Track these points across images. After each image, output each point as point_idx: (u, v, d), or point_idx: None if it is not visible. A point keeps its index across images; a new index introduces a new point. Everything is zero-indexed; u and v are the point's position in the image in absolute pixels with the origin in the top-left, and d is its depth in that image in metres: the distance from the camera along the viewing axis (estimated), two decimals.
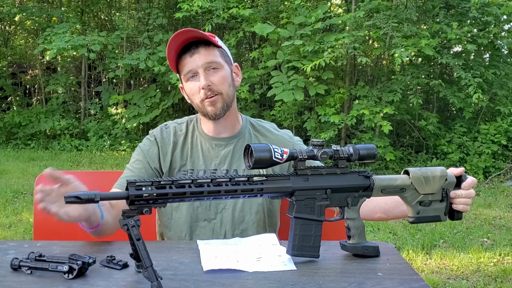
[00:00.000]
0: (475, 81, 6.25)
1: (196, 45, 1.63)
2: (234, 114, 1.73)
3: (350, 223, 1.38)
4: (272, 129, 1.79)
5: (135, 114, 8.09)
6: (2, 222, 4.71)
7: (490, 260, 3.95)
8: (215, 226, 1.67)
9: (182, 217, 1.68)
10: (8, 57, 9.58)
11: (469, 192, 1.47)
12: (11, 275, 1.21)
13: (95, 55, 7.85)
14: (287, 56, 6.69)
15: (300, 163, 1.32)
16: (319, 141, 1.32)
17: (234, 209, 1.68)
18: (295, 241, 1.32)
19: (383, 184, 1.39)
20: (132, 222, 1.14)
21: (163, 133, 1.72)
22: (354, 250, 1.39)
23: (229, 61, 1.70)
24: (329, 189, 1.34)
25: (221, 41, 1.72)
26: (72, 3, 9.81)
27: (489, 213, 5.20)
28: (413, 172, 1.43)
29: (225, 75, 1.65)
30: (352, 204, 1.38)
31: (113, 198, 1.20)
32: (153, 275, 1.11)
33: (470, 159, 6.78)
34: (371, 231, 4.59)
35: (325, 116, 6.61)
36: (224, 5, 6.96)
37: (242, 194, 1.25)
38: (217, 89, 1.63)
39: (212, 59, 1.63)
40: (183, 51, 1.64)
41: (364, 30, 6.51)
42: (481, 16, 6.80)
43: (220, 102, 1.64)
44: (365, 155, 1.35)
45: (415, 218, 1.45)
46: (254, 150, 1.25)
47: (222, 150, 1.70)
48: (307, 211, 1.33)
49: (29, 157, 7.60)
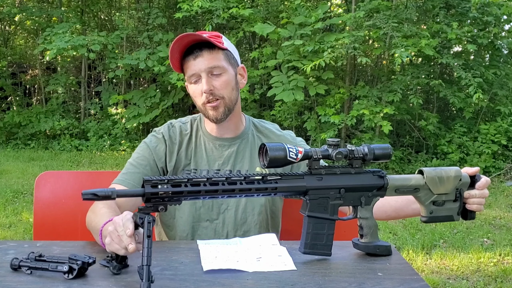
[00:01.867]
0: (476, 81, 6.25)
1: (200, 47, 1.61)
2: (238, 116, 1.72)
3: (363, 222, 1.38)
4: (275, 129, 1.79)
5: (135, 114, 8.08)
6: (2, 222, 4.71)
7: (490, 260, 3.94)
8: (217, 226, 1.67)
9: (184, 216, 1.68)
10: (8, 57, 9.56)
11: (483, 192, 1.47)
12: (11, 275, 1.21)
13: (95, 55, 7.84)
14: (287, 56, 6.69)
15: (314, 162, 1.32)
16: (334, 140, 1.33)
17: (236, 210, 1.67)
18: (307, 239, 1.33)
19: (397, 184, 1.39)
20: (150, 218, 1.16)
21: (170, 131, 1.72)
22: (366, 249, 1.39)
23: (234, 63, 1.68)
24: (343, 188, 1.34)
25: (228, 41, 1.70)
26: (72, 3, 9.80)
27: (489, 213, 5.20)
28: (427, 172, 1.42)
29: (228, 79, 1.64)
30: (365, 203, 1.38)
31: (130, 195, 1.22)
32: (147, 275, 1.11)
33: (470, 159, 6.78)
34: None
35: (325, 116, 6.61)
36: (224, 5, 6.96)
37: (256, 193, 1.26)
38: (219, 94, 1.62)
39: (215, 64, 1.61)
40: (188, 52, 1.62)
41: (364, 30, 6.50)
42: (481, 16, 6.79)
43: (222, 107, 1.63)
44: (380, 155, 1.35)
45: (428, 217, 1.45)
46: (269, 149, 1.26)
47: (225, 150, 1.70)
48: (320, 210, 1.33)
49: (29, 157, 7.59)
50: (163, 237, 1.78)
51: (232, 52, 1.69)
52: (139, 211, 1.18)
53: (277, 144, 1.28)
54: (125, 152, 7.92)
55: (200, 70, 1.61)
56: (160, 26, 8.47)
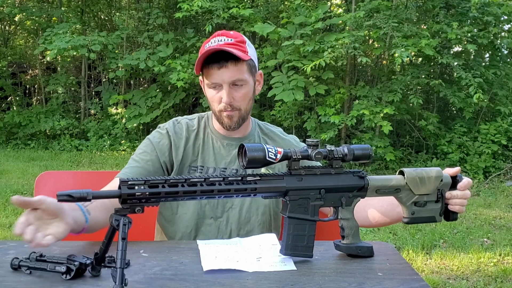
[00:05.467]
0: (476, 81, 6.25)
1: (226, 58, 1.59)
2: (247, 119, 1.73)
3: (344, 223, 1.38)
4: (280, 133, 1.80)
5: (136, 114, 8.09)
6: (2, 222, 4.71)
7: (490, 260, 3.94)
8: (221, 224, 1.68)
9: (188, 213, 1.68)
10: (8, 57, 9.57)
11: (465, 193, 1.46)
12: (11, 275, 1.21)
13: (95, 55, 7.84)
14: (287, 56, 6.69)
15: (294, 163, 1.32)
16: (314, 141, 1.33)
17: (241, 209, 1.68)
18: (288, 241, 1.32)
19: (377, 184, 1.39)
20: (126, 221, 1.13)
21: (175, 127, 1.72)
22: (348, 250, 1.38)
23: (254, 71, 1.68)
24: (323, 189, 1.34)
25: (251, 46, 1.68)
26: (72, 3, 9.81)
27: (489, 213, 5.20)
28: (408, 172, 1.42)
29: (248, 91, 1.65)
30: (346, 204, 1.37)
31: (105, 197, 1.19)
32: (121, 278, 1.08)
33: (470, 159, 6.78)
34: (371, 231, 4.59)
35: (325, 116, 6.61)
36: (224, 5, 6.96)
37: (236, 194, 1.25)
38: (237, 106, 1.63)
39: (239, 77, 1.61)
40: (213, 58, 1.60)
41: (364, 30, 6.50)
42: (481, 16, 6.80)
43: (236, 117, 1.65)
44: (360, 155, 1.35)
45: (410, 218, 1.44)
46: (248, 149, 1.26)
47: (233, 150, 1.71)
48: (300, 211, 1.33)
49: (29, 157, 7.60)
50: (161, 232, 1.77)
51: (254, 60, 1.68)
52: (115, 213, 1.15)
53: (256, 144, 1.29)
54: (125, 152, 7.92)
55: (224, 82, 1.61)
56: (160, 26, 8.48)
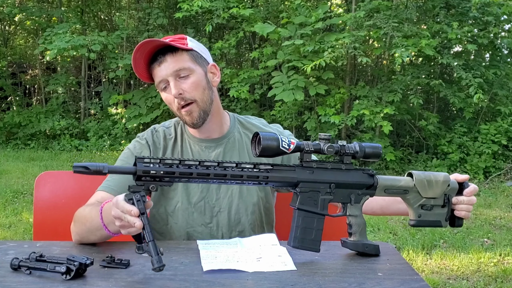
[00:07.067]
0: (476, 81, 6.25)
1: (163, 53, 1.57)
2: (218, 116, 1.68)
3: (352, 220, 1.39)
4: (261, 125, 1.76)
5: (136, 114, 8.09)
6: (2, 222, 4.71)
7: (490, 260, 3.94)
8: (211, 230, 1.65)
9: (178, 222, 1.65)
10: (8, 57, 9.57)
11: (471, 198, 1.48)
12: (11, 275, 1.21)
13: (95, 55, 7.84)
14: (287, 56, 6.69)
15: (306, 155, 1.33)
16: (326, 135, 1.34)
17: (229, 212, 1.66)
18: (296, 233, 1.33)
19: (386, 184, 1.40)
20: (138, 196, 1.17)
21: (153, 136, 1.69)
22: (355, 247, 1.39)
23: (202, 62, 1.63)
24: (333, 183, 1.35)
25: (194, 41, 1.65)
26: (72, 3, 9.81)
27: (489, 213, 5.20)
28: (416, 175, 1.43)
29: (197, 80, 1.59)
30: (355, 201, 1.38)
31: (121, 172, 1.24)
32: (155, 250, 1.13)
33: (470, 159, 6.77)
34: (371, 231, 4.58)
35: (325, 116, 6.61)
36: (224, 5, 6.96)
37: (247, 181, 1.27)
38: (190, 97, 1.58)
39: (180, 66, 1.57)
40: (152, 60, 1.59)
41: (364, 30, 6.50)
42: (482, 16, 6.79)
43: (196, 110, 1.60)
44: (370, 154, 1.36)
45: (416, 221, 1.45)
46: (262, 138, 1.27)
47: (212, 152, 1.67)
48: (310, 204, 1.34)
49: (29, 157, 7.60)
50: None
51: (199, 51, 1.64)
52: (129, 189, 1.18)
53: (271, 133, 1.29)
54: None
55: (167, 75, 1.58)
56: (160, 26, 8.47)
